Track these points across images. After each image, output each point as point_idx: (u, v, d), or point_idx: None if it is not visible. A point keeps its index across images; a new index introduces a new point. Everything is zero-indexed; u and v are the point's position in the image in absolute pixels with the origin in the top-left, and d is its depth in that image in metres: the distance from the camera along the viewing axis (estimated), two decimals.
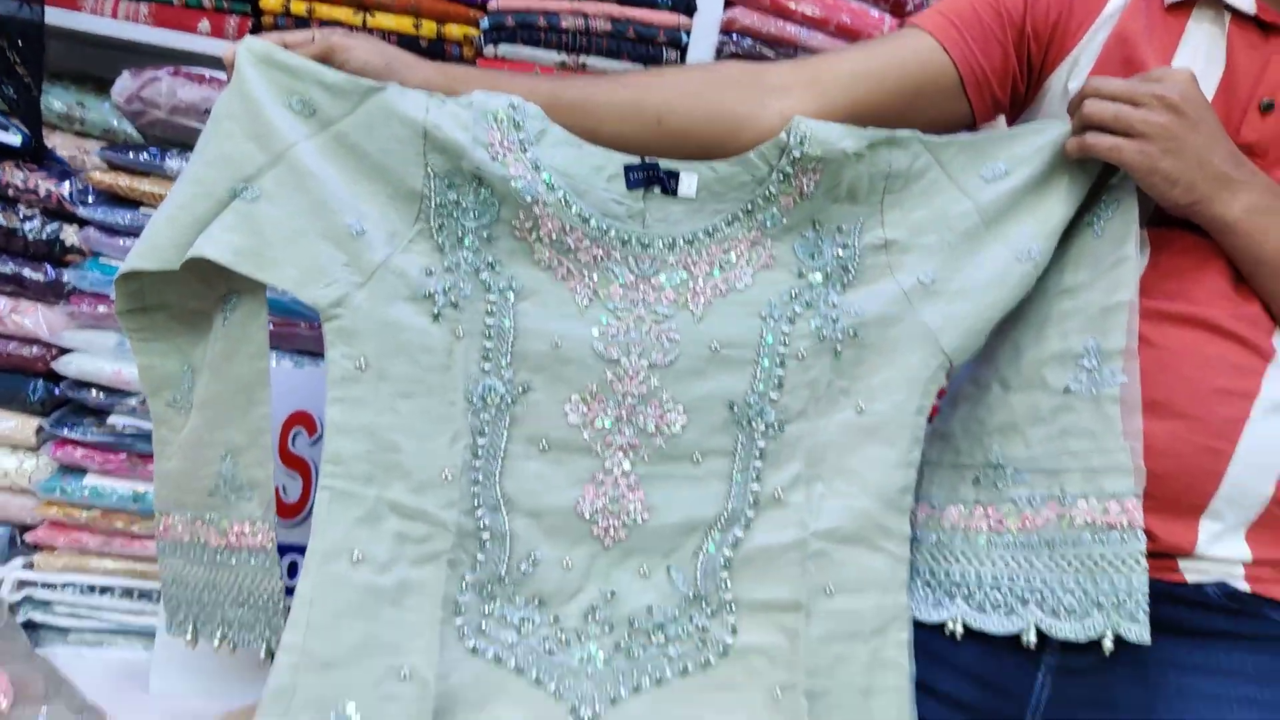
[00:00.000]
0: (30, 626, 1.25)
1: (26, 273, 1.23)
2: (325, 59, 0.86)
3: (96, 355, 1.22)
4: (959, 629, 0.89)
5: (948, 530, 0.92)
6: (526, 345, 0.86)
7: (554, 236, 0.86)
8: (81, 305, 1.22)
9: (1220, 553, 0.89)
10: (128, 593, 1.26)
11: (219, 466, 0.91)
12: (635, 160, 0.88)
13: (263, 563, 0.92)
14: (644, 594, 0.88)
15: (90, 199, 1.23)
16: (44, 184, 1.23)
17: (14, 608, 1.24)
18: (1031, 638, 0.86)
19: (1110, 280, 0.86)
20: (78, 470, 1.24)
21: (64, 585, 1.25)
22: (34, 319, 1.23)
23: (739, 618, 0.87)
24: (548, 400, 0.87)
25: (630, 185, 0.88)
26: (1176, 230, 0.90)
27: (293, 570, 1.21)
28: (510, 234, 0.87)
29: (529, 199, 0.85)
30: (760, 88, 0.93)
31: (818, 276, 0.89)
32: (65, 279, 1.23)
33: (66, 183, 1.24)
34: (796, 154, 0.86)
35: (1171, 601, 0.87)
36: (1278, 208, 0.86)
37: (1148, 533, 0.86)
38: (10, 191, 1.22)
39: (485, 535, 0.86)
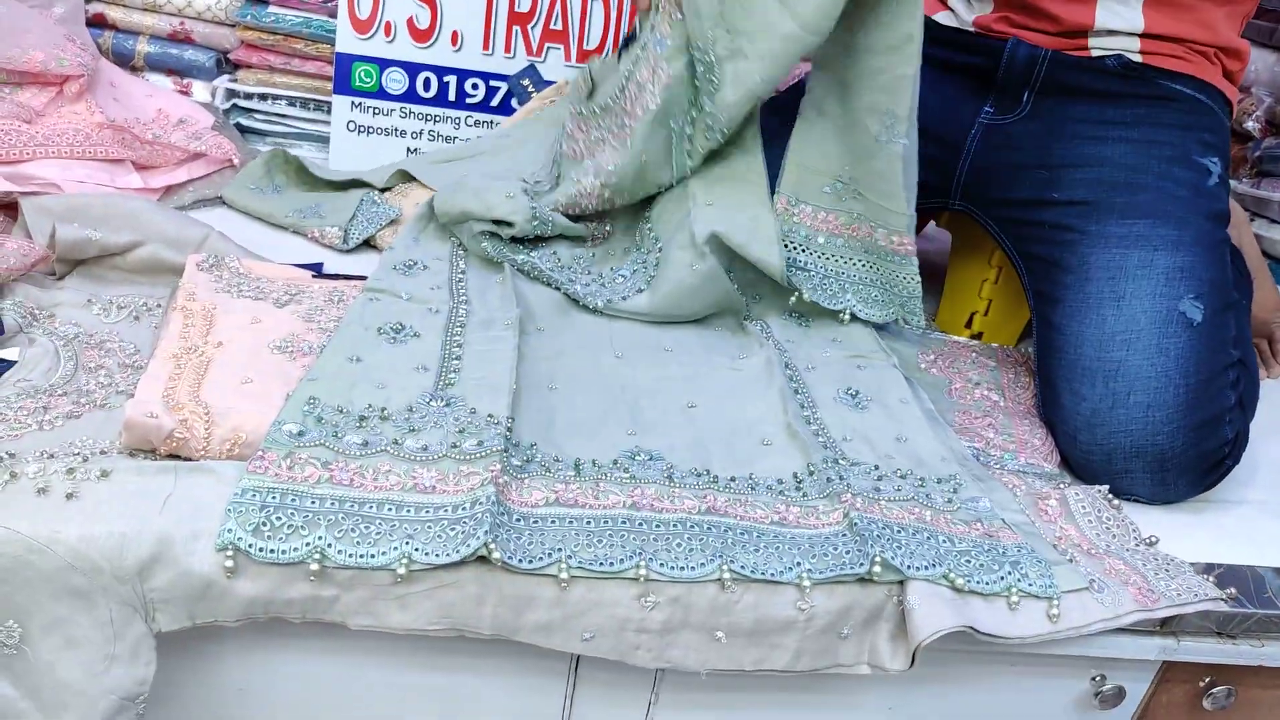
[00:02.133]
0: (239, 130, 1.63)
1: None
2: None
3: None
4: None
5: None
6: None
7: None
8: None
9: (1118, 25, 1.10)
10: (305, 104, 1.65)
11: None
12: None
13: None
14: None
15: None
16: None
17: (226, 113, 1.64)
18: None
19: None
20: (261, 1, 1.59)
21: (259, 96, 1.63)
22: None
23: None
24: None
25: None
26: None
27: (425, 85, 1.58)
28: None
29: None
30: None
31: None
32: None
33: None
34: None
35: (1079, 70, 1.12)
36: None
37: (1055, 18, 1.11)
38: None
39: None
